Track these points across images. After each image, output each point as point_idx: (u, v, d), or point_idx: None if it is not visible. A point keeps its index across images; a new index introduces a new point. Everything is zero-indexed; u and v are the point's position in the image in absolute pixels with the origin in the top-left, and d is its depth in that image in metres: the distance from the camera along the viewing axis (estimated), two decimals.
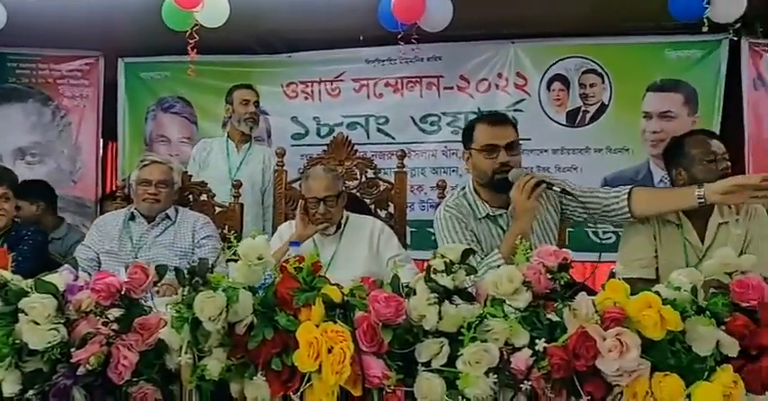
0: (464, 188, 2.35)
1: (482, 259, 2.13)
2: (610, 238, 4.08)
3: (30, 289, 1.52)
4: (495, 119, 2.27)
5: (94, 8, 3.71)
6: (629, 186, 2.23)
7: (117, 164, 4.85)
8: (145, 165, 2.82)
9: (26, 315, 1.47)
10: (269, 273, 1.55)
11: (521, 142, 2.29)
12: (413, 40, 3.61)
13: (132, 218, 2.80)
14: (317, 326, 1.42)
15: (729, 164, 2.26)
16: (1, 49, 4.32)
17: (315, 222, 2.59)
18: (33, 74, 4.60)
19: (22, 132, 4.59)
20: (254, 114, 3.67)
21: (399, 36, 3.55)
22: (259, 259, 1.50)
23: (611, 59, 4.17)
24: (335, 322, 1.44)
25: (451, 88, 4.38)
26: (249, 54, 4.52)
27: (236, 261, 1.52)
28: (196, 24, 3.40)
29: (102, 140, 4.77)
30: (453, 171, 4.32)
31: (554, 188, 2.17)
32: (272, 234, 2.80)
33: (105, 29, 4.11)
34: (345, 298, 1.48)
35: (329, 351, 1.39)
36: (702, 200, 2.02)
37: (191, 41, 3.42)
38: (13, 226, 2.87)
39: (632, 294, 1.48)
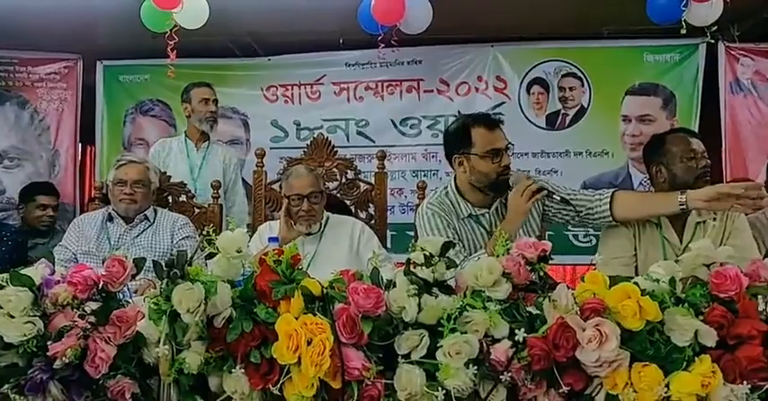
0: (446, 187, 2.36)
1: (465, 258, 2.14)
2: (589, 241, 4.11)
3: (5, 283, 1.50)
4: (491, 123, 2.27)
5: (73, 10, 3.69)
6: (612, 189, 2.26)
7: (95, 167, 4.80)
8: (121, 165, 2.79)
9: (1, 308, 1.45)
10: (248, 270, 1.54)
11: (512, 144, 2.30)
12: (393, 43, 3.62)
13: (110, 219, 2.76)
14: (297, 319, 1.42)
15: (709, 162, 2.29)
16: None
17: (298, 220, 2.58)
18: (11, 76, 4.54)
19: None
20: (213, 113, 3.65)
21: (379, 39, 3.56)
22: (238, 252, 1.49)
23: (591, 63, 4.22)
24: (315, 314, 1.43)
25: (431, 91, 4.40)
26: (229, 57, 4.51)
27: (213, 256, 1.51)
28: (175, 26, 3.39)
29: (80, 144, 4.71)
30: (433, 174, 4.33)
31: (554, 196, 2.21)
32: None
33: (84, 31, 4.08)
34: (325, 290, 1.48)
35: (309, 343, 1.38)
36: (684, 207, 2.07)
37: (170, 43, 3.40)
38: None
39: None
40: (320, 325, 1.40)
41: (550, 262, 1.57)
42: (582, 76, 4.22)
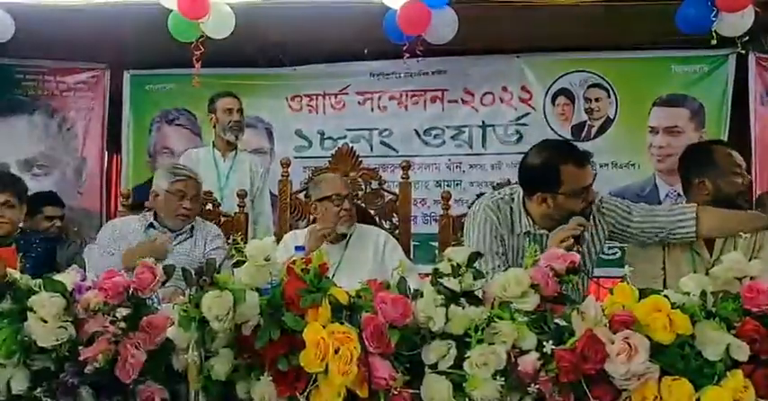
0: (512, 194, 2.21)
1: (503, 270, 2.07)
2: (615, 253, 4.06)
3: (38, 288, 1.53)
4: (582, 159, 2.11)
5: (101, 20, 3.74)
6: (692, 206, 2.18)
7: (121, 175, 4.85)
8: (180, 180, 2.76)
9: (34, 313, 1.48)
10: (275, 278, 1.55)
11: None
12: (417, 53, 3.63)
13: (151, 226, 2.77)
14: (324, 327, 1.42)
15: (750, 178, 2.25)
16: (8, 60, 4.34)
17: (340, 220, 2.58)
18: (39, 86, 4.61)
19: (28, 144, 4.60)
20: (238, 123, 3.68)
21: (404, 49, 3.58)
22: (266, 260, 1.50)
23: (617, 74, 4.20)
24: (342, 323, 1.43)
25: (456, 101, 4.40)
26: (254, 67, 4.55)
27: (241, 264, 1.52)
28: (202, 36, 3.43)
29: (107, 152, 4.77)
30: (457, 184, 4.33)
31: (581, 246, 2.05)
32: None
33: (111, 41, 4.15)
34: (352, 299, 1.48)
35: (336, 351, 1.38)
36: None
37: (196, 53, 3.44)
38: (22, 234, 2.87)
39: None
40: (347, 333, 1.40)
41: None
42: (608, 87, 4.20)
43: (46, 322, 1.48)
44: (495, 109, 4.35)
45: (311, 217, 2.81)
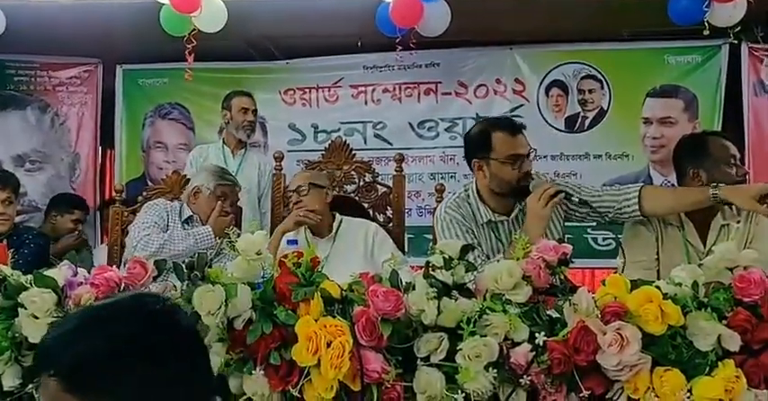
0: (466, 190, 2.32)
1: (482, 262, 2.11)
2: (609, 244, 4.07)
3: (29, 284, 1.53)
4: (513, 128, 2.22)
5: (93, 15, 3.71)
6: (638, 185, 2.22)
7: (114, 170, 4.84)
8: (227, 184, 2.81)
9: (26, 309, 1.48)
10: (267, 272, 1.55)
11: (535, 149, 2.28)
12: (411, 46, 3.62)
13: (190, 220, 2.77)
14: (316, 321, 1.42)
15: (746, 170, 2.25)
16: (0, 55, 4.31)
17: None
18: (32, 81, 4.58)
19: (21, 139, 4.56)
20: (252, 122, 3.70)
21: (397, 42, 3.56)
22: (258, 254, 1.50)
23: (611, 65, 4.18)
24: (334, 316, 1.43)
25: (449, 94, 4.38)
26: (247, 60, 4.53)
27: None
28: (194, 29, 3.41)
29: (100, 147, 4.75)
30: (451, 177, 4.32)
31: (572, 198, 2.16)
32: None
33: (104, 36, 4.11)
34: (344, 292, 1.48)
35: (328, 345, 1.39)
36: (716, 198, 2.02)
37: (188, 47, 3.43)
38: (15, 230, 2.87)
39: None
40: (339, 327, 1.41)
41: (570, 265, 1.56)
42: (602, 79, 4.19)
43: (37, 318, 1.48)
44: (488, 101, 4.33)
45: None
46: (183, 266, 1.51)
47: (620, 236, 2.59)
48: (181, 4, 3.30)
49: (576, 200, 2.18)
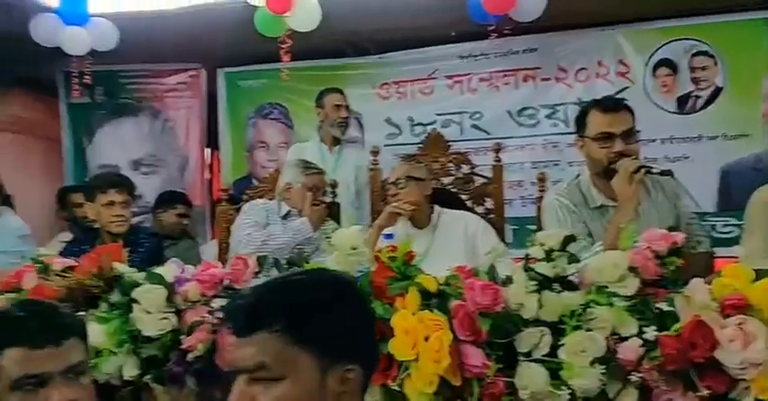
0: (578, 175, 2.24)
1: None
2: (730, 232, 3.81)
3: (142, 281, 1.60)
4: (609, 105, 2.15)
5: (194, 22, 3.87)
6: None
7: (220, 171, 5.03)
8: (315, 173, 2.89)
9: (139, 304, 1.55)
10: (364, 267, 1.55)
11: (637, 130, 2.16)
12: (506, 33, 3.53)
13: (288, 215, 2.85)
14: (413, 315, 1.40)
15: None
16: (113, 67, 4.56)
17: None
18: (143, 88, 4.84)
19: (136, 145, 4.83)
20: (345, 119, 3.74)
21: (492, 29, 3.48)
22: (353, 249, 1.50)
23: (724, 39, 3.89)
24: (431, 311, 1.41)
25: (549, 79, 4.24)
26: (341, 57, 4.58)
27: None
28: (289, 30, 3.48)
29: (207, 149, 4.96)
30: (555, 164, 4.18)
31: (652, 170, 2.05)
32: None
33: (205, 41, 4.27)
34: (440, 286, 1.46)
35: (426, 339, 1.36)
36: None
37: (283, 47, 3.50)
38: (132, 230, 3.03)
39: None
40: (437, 321, 1.38)
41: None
42: (715, 54, 3.92)
43: (149, 312, 1.55)
44: (590, 85, 4.15)
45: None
46: (282, 261, 1.53)
47: (742, 222, 2.40)
48: (275, 6, 3.38)
49: (657, 171, 2.05)
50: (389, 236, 2.10)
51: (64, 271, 1.72)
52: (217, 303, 1.56)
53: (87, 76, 3.81)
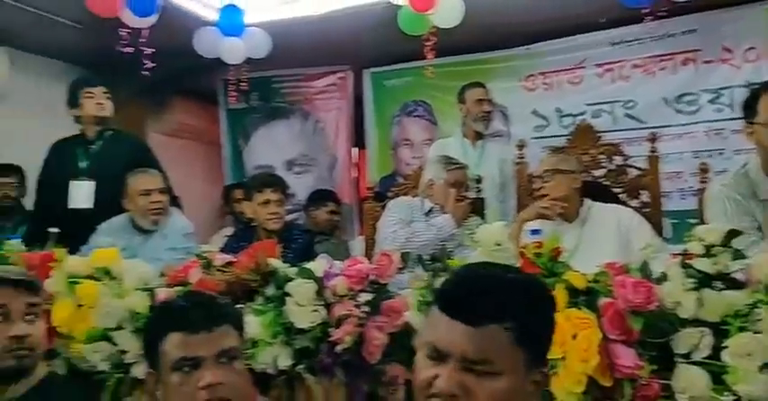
0: (745, 165, 2.07)
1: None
2: None
3: (294, 276, 1.69)
4: None
5: (341, 25, 4.00)
6: None
7: (366, 169, 5.16)
8: (457, 169, 2.90)
9: (292, 297, 1.63)
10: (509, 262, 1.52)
11: None
12: (661, 14, 3.31)
13: (431, 212, 2.89)
14: (561, 313, 1.36)
15: None
16: (266, 72, 4.82)
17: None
18: (295, 92, 5.09)
19: (288, 146, 5.09)
20: (488, 113, 3.69)
21: (646, 12, 3.28)
22: (497, 245, 1.49)
23: None
24: (579, 308, 1.36)
25: (712, 62, 3.93)
26: (485, 51, 4.53)
27: None
28: (432, 27, 3.49)
29: (354, 149, 5.11)
30: (719, 154, 3.87)
31: None
32: None
33: (351, 43, 4.40)
34: (589, 284, 1.40)
35: (573, 338, 1.32)
36: None
37: (427, 44, 3.51)
38: (286, 227, 3.20)
39: None
40: (585, 319, 1.33)
41: None
42: None
43: (301, 305, 1.63)
44: (760, 65, 3.80)
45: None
46: (426, 257, 1.55)
47: None
48: (418, 4, 3.40)
49: None
50: (537, 232, 2.05)
51: (224, 266, 1.84)
52: (362, 297, 1.61)
53: (244, 83, 4.04)
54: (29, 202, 3.63)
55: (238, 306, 1.65)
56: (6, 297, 1.48)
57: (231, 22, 3.64)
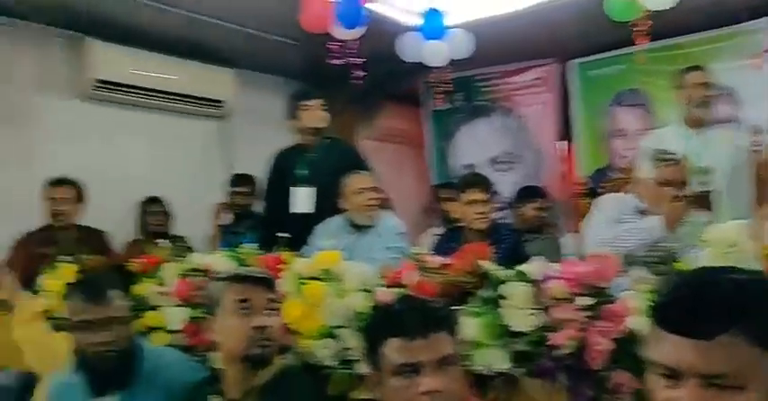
0: None
1: None
2: None
3: (506, 278, 1.67)
4: None
5: (544, 18, 3.90)
6: None
7: (575, 163, 4.97)
8: (670, 165, 2.66)
9: (506, 300, 1.62)
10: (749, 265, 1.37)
11: None
12: None
13: (645, 211, 2.69)
14: None
15: None
16: (468, 72, 4.82)
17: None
18: (495, 89, 5.05)
19: (491, 144, 5.08)
20: (709, 97, 3.35)
21: None
22: (732, 246, 1.35)
23: None
24: None
25: None
26: (703, 30, 4.13)
27: None
28: (646, 11, 3.25)
29: (561, 142, 4.94)
30: None
31: None
32: None
33: (555, 35, 4.27)
34: None
35: None
36: None
37: (639, 29, 3.28)
38: (493, 226, 3.19)
39: None
40: None
41: None
42: None
43: (518, 308, 1.61)
44: None
45: None
46: (652, 259, 1.45)
47: None
48: None
49: None
50: None
51: (438, 268, 1.88)
52: (580, 301, 1.54)
53: (448, 84, 4.08)
54: (258, 207, 4.00)
55: (454, 308, 1.67)
56: (250, 292, 1.64)
57: (433, 25, 3.70)
